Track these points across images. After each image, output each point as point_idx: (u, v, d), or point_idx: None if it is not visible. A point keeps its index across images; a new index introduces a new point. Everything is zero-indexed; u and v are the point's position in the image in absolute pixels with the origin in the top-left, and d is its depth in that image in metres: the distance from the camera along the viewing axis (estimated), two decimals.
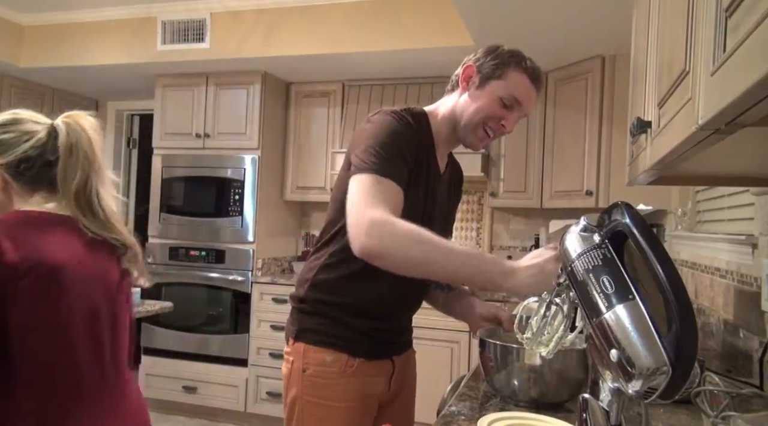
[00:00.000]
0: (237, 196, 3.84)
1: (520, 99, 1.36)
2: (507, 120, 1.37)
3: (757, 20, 0.47)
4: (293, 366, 1.36)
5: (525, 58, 1.38)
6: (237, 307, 3.81)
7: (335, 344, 1.34)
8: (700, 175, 1.30)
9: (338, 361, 1.33)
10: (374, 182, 1.21)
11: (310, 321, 1.37)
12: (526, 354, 1.15)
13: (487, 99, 1.36)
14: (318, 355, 1.34)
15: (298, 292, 1.42)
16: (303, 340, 1.36)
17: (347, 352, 1.34)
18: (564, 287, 0.92)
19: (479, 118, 1.36)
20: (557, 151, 3.48)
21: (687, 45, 0.78)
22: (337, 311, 1.36)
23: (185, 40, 3.66)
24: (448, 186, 1.51)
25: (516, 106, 1.36)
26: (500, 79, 1.35)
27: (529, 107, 1.39)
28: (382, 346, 1.41)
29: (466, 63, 1.40)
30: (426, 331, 3.15)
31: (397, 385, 1.45)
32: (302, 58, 3.53)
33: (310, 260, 1.43)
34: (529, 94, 1.37)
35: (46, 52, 3.96)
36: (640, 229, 0.76)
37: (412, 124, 1.33)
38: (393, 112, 1.32)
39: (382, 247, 1.13)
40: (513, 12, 2.68)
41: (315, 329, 1.36)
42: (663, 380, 0.69)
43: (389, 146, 1.26)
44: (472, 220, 4.01)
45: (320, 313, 1.36)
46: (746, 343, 1.57)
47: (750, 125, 0.62)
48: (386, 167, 1.23)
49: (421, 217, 1.32)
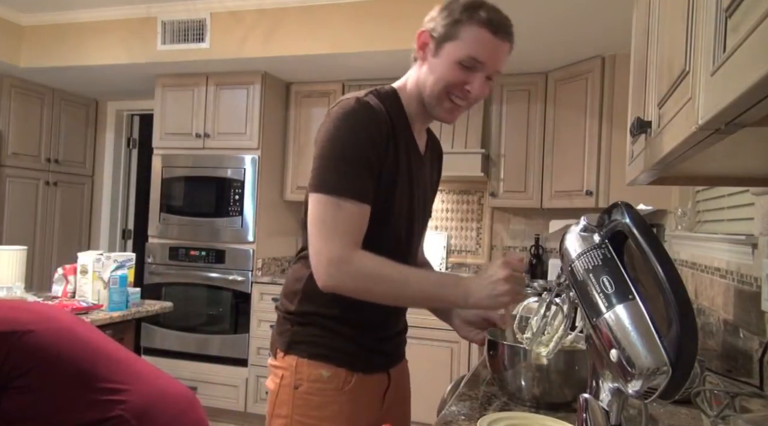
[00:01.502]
0: (237, 196, 3.84)
1: (481, 58, 1.19)
2: (472, 84, 1.20)
3: (757, 20, 0.47)
4: (282, 381, 1.23)
5: (482, 6, 1.20)
6: (237, 307, 3.81)
7: (334, 358, 1.22)
8: (700, 175, 1.30)
9: (336, 377, 1.21)
10: (333, 207, 1.13)
11: (304, 332, 1.24)
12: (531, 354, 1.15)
13: (444, 66, 1.20)
14: (313, 370, 1.21)
15: (286, 305, 1.28)
16: (296, 352, 1.23)
17: (346, 367, 1.22)
18: (564, 287, 0.92)
19: (440, 89, 1.21)
20: (557, 151, 3.48)
21: (687, 45, 0.78)
22: (336, 323, 1.24)
23: (185, 40, 3.66)
24: (429, 167, 1.40)
25: (479, 67, 1.19)
26: (455, 39, 1.19)
27: (496, 64, 1.22)
28: (381, 357, 1.31)
29: (420, 28, 1.24)
30: (426, 331, 3.15)
31: (390, 401, 1.33)
32: (302, 58, 3.53)
33: (295, 269, 1.30)
34: (492, 49, 1.20)
35: (46, 52, 3.97)
36: (640, 229, 0.76)
37: (378, 109, 1.18)
38: (356, 100, 1.18)
39: (343, 288, 1.15)
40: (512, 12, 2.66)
41: (311, 341, 1.23)
42: (663, 380, 0.69)
43: (350, 152, 1.15)
44: (472, 220, 4.01)
45: (316, 323, 1.24)
46: (746, 343, 1.57)
47: (750, 125, 0.62)
48: (346, 184, 1.14)
49: (408, 205, 1.27)
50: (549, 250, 3.79)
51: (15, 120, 4.20)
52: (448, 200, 4.05)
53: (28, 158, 4.32)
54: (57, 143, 4.54)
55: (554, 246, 3.75)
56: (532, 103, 3.60)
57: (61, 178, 4.61)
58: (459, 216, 4.03)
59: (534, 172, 3.57)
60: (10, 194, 4.20)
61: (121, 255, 2.69)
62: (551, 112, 3.53)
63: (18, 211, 4.25)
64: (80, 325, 1.51)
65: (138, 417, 1.37)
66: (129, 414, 1.36)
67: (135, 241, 5.02)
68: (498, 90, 3.68)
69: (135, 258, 2.76)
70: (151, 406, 1.41)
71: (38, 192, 4.41)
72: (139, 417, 1.37)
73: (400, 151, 1.23)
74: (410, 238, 1.32)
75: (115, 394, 1.38)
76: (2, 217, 4.16)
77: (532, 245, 3.76)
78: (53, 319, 1.42)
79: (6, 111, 4.15)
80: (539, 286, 3.38)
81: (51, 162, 4.50)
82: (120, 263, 2.64)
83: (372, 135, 1.16)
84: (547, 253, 3.77)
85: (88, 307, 2.43)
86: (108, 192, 4.94)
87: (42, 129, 4.42)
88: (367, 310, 1.21)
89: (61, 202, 4.62)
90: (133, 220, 5.08)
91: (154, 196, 4.04)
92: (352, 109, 1.17)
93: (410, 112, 1.28)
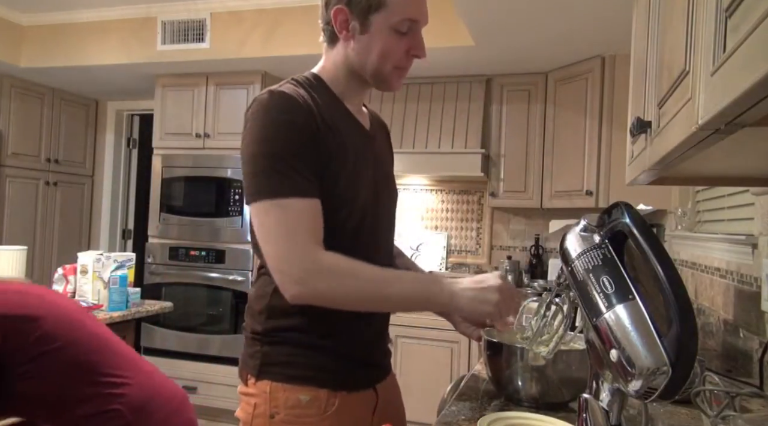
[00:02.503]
0: (237, 196, 3.84)
1: (415, 15, 1.12)
2: (416, 47, 1.14)
3: (757, 20, 0.47)
4: (255, 411, 1.10)
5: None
6: (237, 307, 3.81)
7: (312, 379, 1.09)
8: (700, 175, 1.30)
9: (316, 401, 1.08)
10: (277, 211, 1.02)
11: (275, 351, 1.11)
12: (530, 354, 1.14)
13: (381, 40, 1.11)
14: (290, 394, 1.08)
15: (253, 325, 1.15)
16: (269, 376, 1.10)
17: (327, 387, 1.09)
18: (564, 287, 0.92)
19: (390, 65, 1.13)
20: (557, 151, 3.48)
21: (687, 45, 0.77)
22: (309, 336, 1.11)
23: (185, 40, 3.66)
24: (381, 142, 1.31)
25: (414, 26, 1.13)
26: (381, 8, 1.09)
27: (426, 14, 1.15)
28: (365, 370, 1.19)
29: (331, 6, 1.12)
30: (426, 331, 3.15)
31: (380, 419, 1.20)
32: (302, 58, 3.53)
33: (257, 287, 1.18)
34: (420, 5, 1.13)
35: (46, 52, 3.96)
36: (640, 229, 0.76)
37: (295, 94, 1.08)
38: (269, 92, 1.09)
39: (317, 294, 1.02)
40: (513, 12, 2.68)
41: (285, 362, 1.10)
42: (663, 380, 0.69)
43: (276, 148, 1.04)
44: (472, 220, 4.01)
45: (288, 341, 1.11)
46: (746, 343, 1.57)
47: (750, 125, 0.62)
48: (283, 183, 1.03)
49: (365, 184, 1.16)
50: (549, 250, 3.79)
51: (15, 120, 4.20)
52: (448, 200, 4.05)
53: (28, 158, 4.32)
54: (57, 143, 4.54)
55: (554, 246, 3.75)
56: (532, 103, 3.60)
57: (61, 178, 4.61)
58: (459, 216, 4.03)
59: (534, 172, 3.57)
60: (10, 194, 4.20)
61: (121, 255, 2.69)
62: (551, 112, 3.53)
63: (18, 211, 4.25)
64: (88, 315, 1.53)
65: (134, 412, 1.38)
66: (126, 409, 1.37)
67: (135, 241, 5.02)
68: (498, 90, 3.68)
69: (135, 258, 2.76)
70: (147, 402, 1.43)
71: (38, 192, 4.41)
72: (135, 412, 1.38)
73: (339, 131, 1.12)
74: (377, 219, 1.21)
75: (116, 387, 1.39)
76: (2, 217, 4.16)
77: (532, 245, 3.76)
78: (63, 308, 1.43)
79: (6, 111, 4.15)
80: (539, 286, 3.38)
81: (51, 162, 4.50)
82: (120, 263, 2.64)
83: (294, 121, 1.05)
84: (547, 253, 3.77)
85: (89, 307, 2.43)
86: (108, 192, 4.94)
87: (42, 129, 4.42)
88: (343, 316, 1.09)
89: (61, 202, 4.62)
90: (133, 220, 5.08)
91: (154, 196, 4.04)
92: (266, 102, 1.07)
93: (339, 92, 1.18)
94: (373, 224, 1.19)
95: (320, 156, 1.08)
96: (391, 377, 1.29)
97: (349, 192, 1.13)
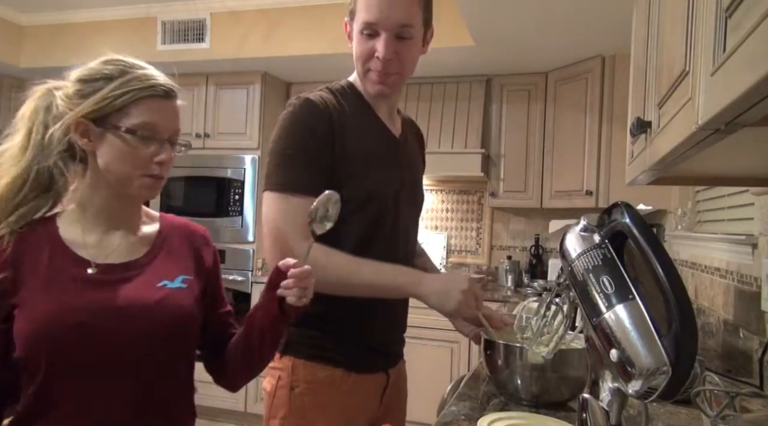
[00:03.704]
0: (237, 196, 3.84)
1: (371, 18, 1.16)
2: (378, 50, 1.19)
3: (757, 20, 0.47)
4: (279, 383, 1.23)
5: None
6: (237, 307, 3.80)
7: (329, 359, 1.22)
8: (700, 175, 1.30)
9: (332, 378, 1.21)
10: (281, 202, 1.17)
11: (298, 332, 1.22)
12: (528, 353, 1.15)
13: (355, 44, 1.22)
14: (309, 370, 1.21)
15: None
16: (292, 353, 1.23)
17: (342, 368, 1.22)
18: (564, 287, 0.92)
19: (360, 67, 1.23)
20: (557, 151, 3.48)
21: (687, 45, 0.78)
22: (330, 322, 1.23)
23: (185, 40, 3.66)
24: (412, 148, 1.40)
25: (376, 29, 1.18)
26: (354, 14, 1.21)
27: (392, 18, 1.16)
28: (379, 356, 1.30)
29: None
30: (426, 331, 3.15)
31: (388, 400, 1.32)
32: (302, 58, 3.53)
33: None
34: (380, 6, 1.16)
35: (46, 52, 3.96)
36: (640, 229, 0.76)
37: (320, 103, 1.19)
38: (298, 98, 1.21)
39: None
40: (513, 12, 2.68)
41: (306, 342, 1.23)
42: (663, 380, 0.69)
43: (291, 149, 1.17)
44: (472, 220, 4.01)
45: (311, 324, 1.22)
46: (746, 343, 1.57)
47: (750, 125, 0.62)
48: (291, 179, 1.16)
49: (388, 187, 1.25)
50: (549, 250, 3.79)
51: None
52: (448, 200, 4.05)
53: None
54: None
55: (554, 246, 3.75)
56: (532, 103, 3.60)
57: None
58: (459, 216, 4.03)
59: (534, 172, 3.57)
60: None
61: None
62: (551, 112, 3.53)
63: None
64: None
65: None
66: None
67: None
68: (498, 90, 3.68)
69: None
70: None
71: None
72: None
73: (362, 136, 1.23)
74: (397, 220, 1.29)
75: None
76: None
77: (532, 245, 3.76)
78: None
79: (6, 111, 4.15)
80: (539, 286, 3.38)
81: None
82: None
83: (311, 126, 1.18)
84: (547, 253, 3.77)
85: None
86: None
87: None
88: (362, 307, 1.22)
89: None
90: None
91: None
92: (293, 108, 1.20)
93: (369, 99, 1.28)
94: (393, 225, 1.27)
95: (334, 158, 1.18)
96: (401, 364, 1.41)
97: (364, 192, 1.21)
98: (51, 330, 0.92)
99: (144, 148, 1.00)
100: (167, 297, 1.02)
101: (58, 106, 1.02)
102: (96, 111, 0.98)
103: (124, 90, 1.00)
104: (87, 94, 1.00)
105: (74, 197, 1.04)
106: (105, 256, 1.01)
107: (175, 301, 1.02)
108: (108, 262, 1.01)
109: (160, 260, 1.06)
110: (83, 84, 1.01)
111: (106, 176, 1.01)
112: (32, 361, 0.93)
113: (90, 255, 1.00)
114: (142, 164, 1.00)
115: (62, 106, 1.01)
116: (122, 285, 0.99)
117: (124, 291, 0.99)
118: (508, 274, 3.67)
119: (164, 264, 1.06)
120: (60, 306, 0.93)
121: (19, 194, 0.99)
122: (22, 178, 0.99)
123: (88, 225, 1.02)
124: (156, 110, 1.04)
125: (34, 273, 0.95)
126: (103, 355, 0.95)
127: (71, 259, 0.98)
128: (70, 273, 0.97)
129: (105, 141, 0.99)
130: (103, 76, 1.03)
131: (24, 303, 0.94)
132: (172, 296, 1.02)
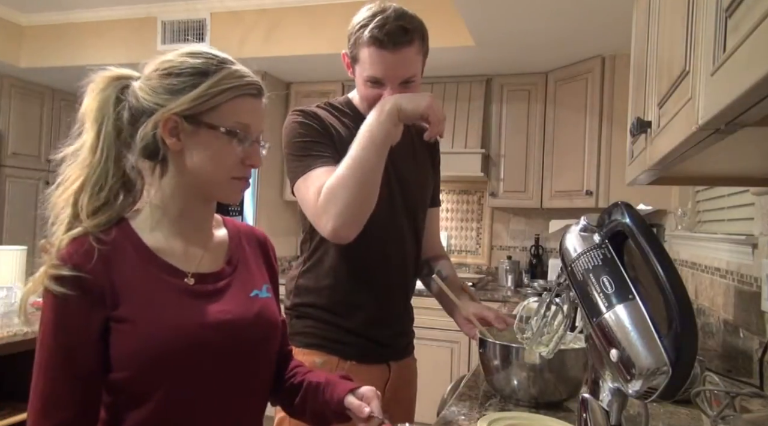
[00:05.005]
0: None
1: (378, 75, 1.24)
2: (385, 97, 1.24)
3: (757, 20, 0.47)
4: None
5: (371, 22, 1.22)
6: None
7: (326, 347, 1.31)
8: (700, 175, 1.30)
9: (329, 364, 1.30)
10: (305, 183, 1.24)
11: (299, 324, 1.35)
12: (525, 353, 1.15)
13: (360, 86, 1.31)
14: (307, 357, 1.28)
15: (285, 301, 1.40)
16: (292, 343, 1.28)
17: (338, 355, 1.31)
18: (564, 287, 0.92)
19: (368, 107, 1.26)
20: (557, 151, 3.48)
21: (687, 45, 0.78)
22: (324, 313, 1.34)
23: (185, 40, 3.66)
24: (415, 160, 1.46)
25: (383, 82, 1.26)
26: (358, 61, 1.27)
27: (398, 74, 1.25)
28: (378, 347, 1.36)
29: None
30: (426, 331, 3.15)
31: (392, 393, 1.37)
32: (302, 58, 3.53)
33: (291, 270, 1.44)
34: (386, 64, 1.23)
35: (46, 52, 3.96)
36: (640, 229, 0.76)
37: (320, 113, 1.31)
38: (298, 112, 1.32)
39: (339, 215, 1.17)
40: (513, 12, 2.68)
41: (305, 332, 1.34)
42: (663, 380, 0.69)
43: (299, 141, 1.28)
44: (472, 220, 4.01)
45: (309, 316, 1.35)
46: (746, 343, 1.57)
47: (750, 125, 0.62)
48: (305, 162, 1.25)
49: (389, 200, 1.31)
50: (549, 250, 3.79)
51: (15, 120, 4.20)
52: (448, 200, 4.05)
53: (28, 158, 4.32)
54: (57, 143, 4.53)
55: (554, 246, 3.75)
56: (532, 103, 3.60)
57: None
58: (459, 216, 4.03)
59: (534, 172, 3.57)
60: (10, 194, 4.20)
61: None
62: (551, 112, 3.53)
63: (18, 211, 4.25)
64: None
65: None
66: None
67: None
68: (498, 90, 3.68)
69: None
70: None
71: (38, 192, 4.41)
72: None
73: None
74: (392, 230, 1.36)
75: None
76: (2, 217, 4.16)
77: (532, 245, 3.76)
78: None
79: (6, 111, 4.15)
80: (539, 286, 3.38)
81: (51, 162, 4.49)
82: None
83: (314, 126, 1.29)
84: (547, 253, 3.77)
85: None
86: None
87: (42, 129, 4.42)
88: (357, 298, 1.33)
89: None
90: None
91: None
92: (295, 116, 1.32)
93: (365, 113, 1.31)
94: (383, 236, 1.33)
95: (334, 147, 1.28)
96: (410, 359, 1.48)
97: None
98: (169, 348, 0.84)
99: (239, 149, 0.93)
100: (263, 307, 0.97)
101: (138, 98, 0.91)
102: (192, 108, 0.89)
103: (222, 87, 0.90)
104: (178, 89, 0.90)
105: (149, 200, 0.95)
106: (195, 265, 0.94)
107: (268, 310, 0.98)
108: (200, 272, 0.93)
109: (241, 268, 1.00)
110: (173, 78, 0.91)
111: (190, 178, 0.92)
112: (141, 383, 0.85)
113: (180, 264, 0.92)
114: (233, 166, 0.93)
115: (146, 101, 0.90)
116: (220, 297, 0.93)
117: (225, 303, 0.92)
118: (508, 274, 3.67)
119: (246, 272, 1.00)
120: (175, 322, 0.86)
121: (100, 195, 0.90)
122: (100, 182, 0.90)
123: (170, 231, 0.94)
124: (249, 110, 0.95)
125: (129, 283, 0.86)
126: (214, 373, 0.89)
127: (165, 269, 0.90)
128: (169, 284, 0.89)
129: (197, 140, 0.90)
130: (195, 70, 0.92)
131: (127, 318, 0.84)
132: (266, 306, 0.98)
